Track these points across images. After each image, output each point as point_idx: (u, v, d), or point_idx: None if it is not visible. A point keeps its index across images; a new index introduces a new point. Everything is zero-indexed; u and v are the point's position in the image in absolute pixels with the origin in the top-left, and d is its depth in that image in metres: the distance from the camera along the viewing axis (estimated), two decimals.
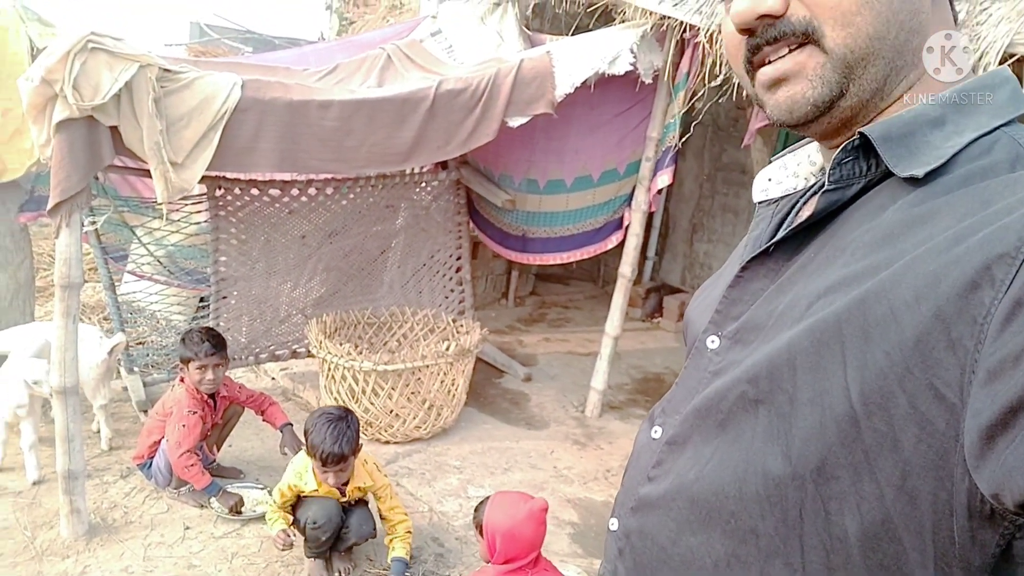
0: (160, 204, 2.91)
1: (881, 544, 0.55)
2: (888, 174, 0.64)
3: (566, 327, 6.29)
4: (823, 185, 0.74)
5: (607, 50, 3.46)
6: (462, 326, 4.36)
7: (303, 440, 3.18)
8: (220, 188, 3.67)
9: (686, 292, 6.81)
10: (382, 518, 2.87)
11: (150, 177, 2.68)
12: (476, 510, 2.43)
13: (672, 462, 0.73)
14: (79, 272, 2.59)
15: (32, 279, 4.07)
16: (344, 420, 2.66)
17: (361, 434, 2.78)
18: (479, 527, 2.36)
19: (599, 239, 4.56)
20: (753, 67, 0.70)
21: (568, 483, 3.73)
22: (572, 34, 3.85)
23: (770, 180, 0.84)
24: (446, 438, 4.01)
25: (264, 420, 3.40)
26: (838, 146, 0.70)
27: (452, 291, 4.88)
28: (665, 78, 3.76)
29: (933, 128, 0.63)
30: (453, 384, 3.90)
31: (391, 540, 2.81)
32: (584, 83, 3.45)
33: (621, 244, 4.38)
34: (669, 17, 3.43)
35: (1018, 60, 2.52)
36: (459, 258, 4.82)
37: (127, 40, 2.46)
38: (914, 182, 0.61)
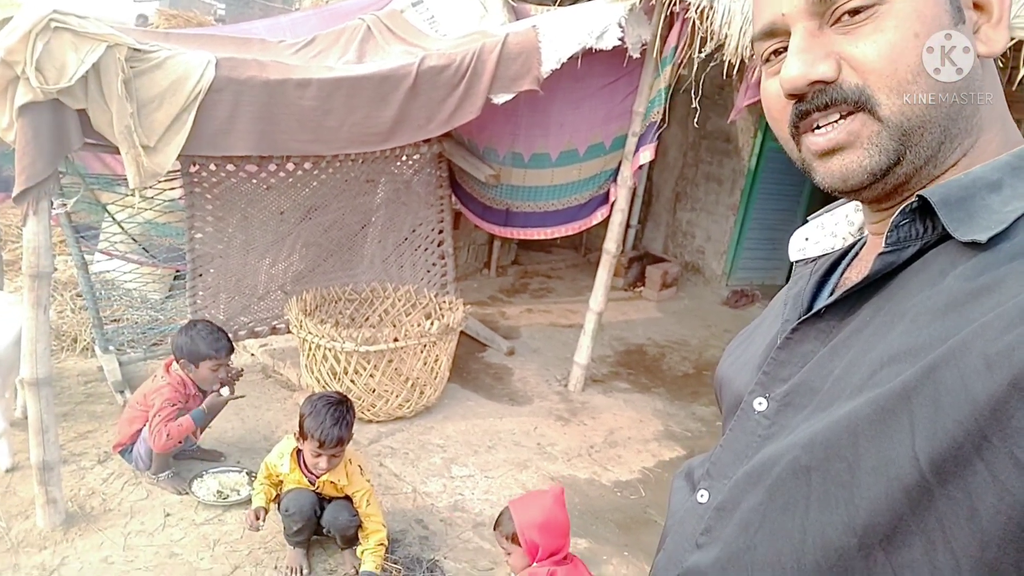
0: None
1: None
2: (944, 236, 0.63)
3: (548, 297, 6.26)
4: (863, 244, 0.75)
5: (595, 24, 3.35)
6: (445, 301, 4.31)
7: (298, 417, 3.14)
8: (195, 164, 3.55)
9: (668, 261, 6.79)
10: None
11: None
12: (498, 524, 2.39)
13: (721, 529, 0.71)
14: (49, 261, 2.49)
15: None
16: (344, 404, 2.67)
17: None
18: (510, 537, 2.31)
19: (584, 214, 4.51)
20: (799, 131, 0.69)
21: (552, 460, 3.73)
22: (558, 5, 3.73)
23: (807, 240, 0.84)
24: (429, 416, 3.99)
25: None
26: (884, 208, 0.70)
27: (434, 265, 4.81)
28: (653, 53, 3.67)
29: (991, 192, 0.62)
30: (436, 362, 3.86)
31: (362, 552, 2.75)
32: (571, 58, 3.36)
33: (606, 218, 4.33)
34: None
35: (1016, 45, 2.48)
36: (441, 232, 4.75)
37: (92, 17, 2.33)
38: (974, 246, 0.60)
